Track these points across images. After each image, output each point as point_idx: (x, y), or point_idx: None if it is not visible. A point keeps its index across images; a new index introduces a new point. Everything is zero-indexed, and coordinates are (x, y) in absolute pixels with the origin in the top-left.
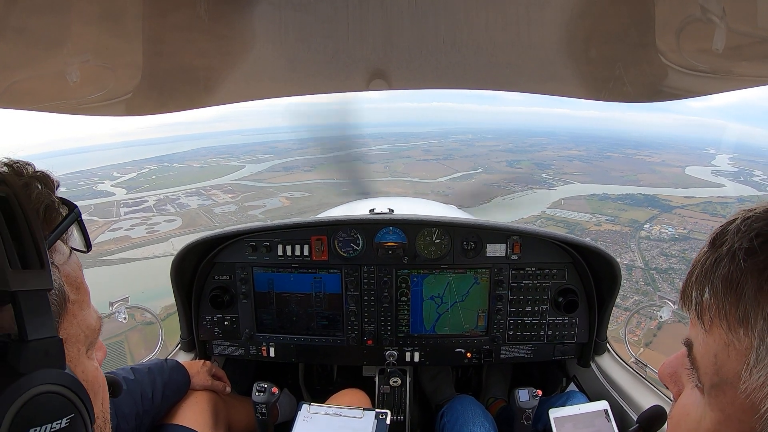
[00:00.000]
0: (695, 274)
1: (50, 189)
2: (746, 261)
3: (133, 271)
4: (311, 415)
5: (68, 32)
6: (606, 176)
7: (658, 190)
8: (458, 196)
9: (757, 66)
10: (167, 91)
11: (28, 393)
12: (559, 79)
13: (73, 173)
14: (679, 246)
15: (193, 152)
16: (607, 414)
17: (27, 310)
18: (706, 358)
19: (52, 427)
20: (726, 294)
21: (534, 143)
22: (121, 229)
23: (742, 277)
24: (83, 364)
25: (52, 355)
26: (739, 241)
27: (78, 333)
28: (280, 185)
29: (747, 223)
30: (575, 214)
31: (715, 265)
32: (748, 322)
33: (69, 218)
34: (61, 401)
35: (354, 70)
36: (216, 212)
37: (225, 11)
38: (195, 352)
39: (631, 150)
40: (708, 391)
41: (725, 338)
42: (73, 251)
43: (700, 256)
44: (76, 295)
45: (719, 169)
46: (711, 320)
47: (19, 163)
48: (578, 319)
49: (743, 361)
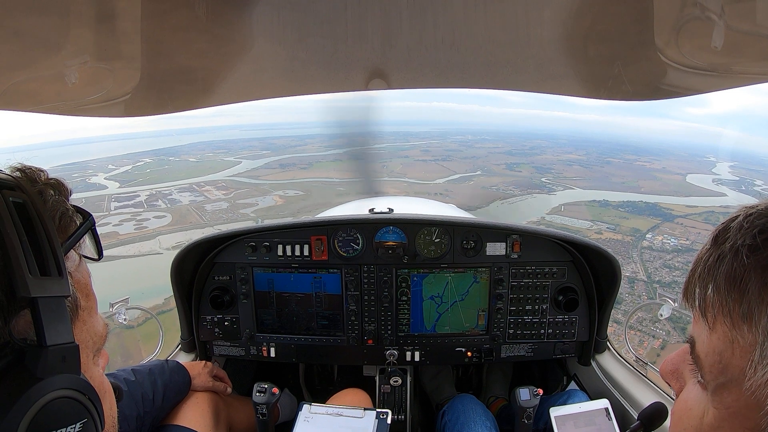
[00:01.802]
0: (698, 271)
1: (64, 196)
2: (749, 257)
3: (117, 270)
4: (312, 415)
5: (67, 33)
6: (606, 182)
7: (659, 198)
8: (456, 199)
9: (756, 64)
10: (166, 91)
11: (45, 398)
12: (558, 77)
13: (70, 164)
14: (682, 258)
15: (191, 146)
16: (608, 412)
17: (45, 316)
18: (711, 356)
19: (67, 430)
20: (729, 290)
21: (534, 146)
22: (109, 225)
23: (745, 274)
24: (91, 370)
25: (68, 360)
26: (742, 238)
27: (87, 339)
28: (274, 183)
29: (749, 220)
30: (575, 221)
31: (718, 262)
32: (752, 319)
33: (84, 226)
34: (76, 406)
35: (353, 69)
36: (207, 209)
37: (224, 12)
38: (195, 352)
39: (631, 155)
40: (713, 390)
41: (729, 335)
42: (82, 258)
43: (702, 253)
44: (86, 302)
45: (720, 178)
46: (714, 317)
47: (32, 169)
48: (578, 318)
49: (748, 358)
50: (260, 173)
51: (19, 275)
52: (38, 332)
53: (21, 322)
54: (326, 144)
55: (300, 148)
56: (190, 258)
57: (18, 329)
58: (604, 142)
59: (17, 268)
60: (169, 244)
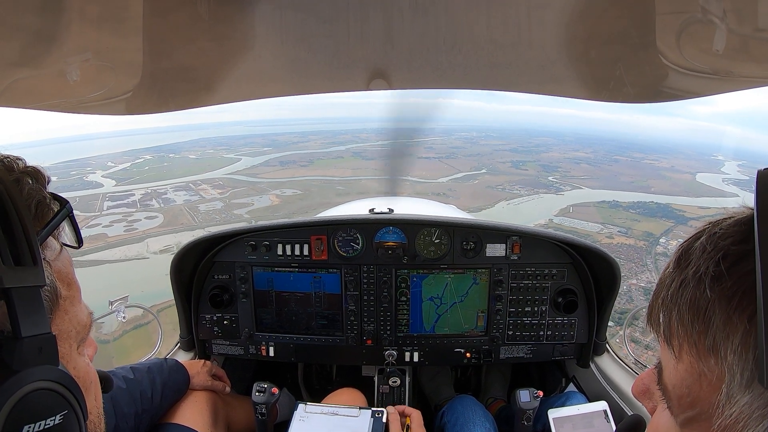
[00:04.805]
0: (661, 295)
1: (42, 184)
2: (713, 288)
3: (103, 275)
4: (307, 415)
5: (68, 31)
6: (615, 181)
7: (670, 198)
8: (459, 199)
9: (758, 67)
10: (167, 90)
11: (21, 390)
12: (559, 79)
13: (68, 162)
14: None
15: (192, 143)
16: (607, 414)
17: (20, 306)
18: (679, 389)
19: (46, 423)
20: (693, 321)
21: (540, 143)
22: (99, 226)
23: (709, 306)
24: (74, 360)
25: (45, 351)
26: (705, 264)
27: (69, 329)
28: (272, 181)
29: (713, 241)
30: (585, 224)
31: (681, 289)
32: (718, 353)
33: (61, 214)
34: (55, 398)
35: (354, 69)
36: (201, 209)
37: (225, 11)
38: (194, 351)
39: (639, 154)
40: (682, 422)
41: (696, 367)
42: (64, 247)
43: (665, 276)
44: (68, 291)
45: (730, 177)
46: (680, 346)
47: (9, 158)
48: (578, 320)
49: (716, 394)
50: (259, 171)
51: None
52: (13, 323)
53: None
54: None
55: (302, 144)
56: (190, 256)
57: None
58: (610, 140)
59: None
60: (156, 247)
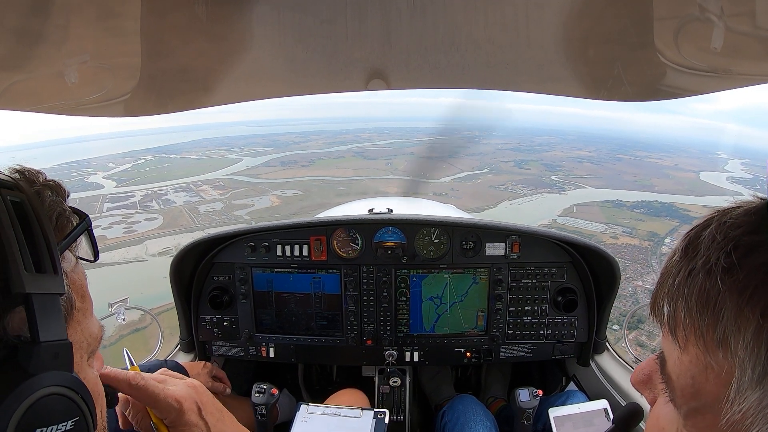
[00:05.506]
0: (667, 285)
1: (62, 198)
2: (724, 280)
3: (100, 278)
4: (309, 416)
5: (66, 32)
6: (619, 180)
7: (674, 197)
8: (461, 200)
9: (756, 64)
10: (166, 91)
11: (36, 393)
12: (558, 78)
13: (71, 163)
14: None
15: (194, 143)
16: (607, 413)
17: (39, 312)
18: (683, 379)
19: (58, 428)
20: (702, 313)
21: (542, 142)
22: (99, 227)
23: (720, 297)
24: (85, 371)
25: (61, 357)
26: (716, 254)
27: (81, 340)
28: (273, 182)
29: (723, 230)
30: (589, 224)
31: (690, 279)
32: (728, 346)
33: (80, 227)
34: (68, 404)
35: (352, 70)
36: (201, 211)
37: (224, 12)
38: (194, 352)
39: (642, 152)
40: (685, 413)
41: (703, 359)
42: (79, 260)
43: (671, 264)
44: (81, 303)
45: (734, 176)
46: (686, 337)
47: (30, 170)
48: (577, 319)
49: (723, 388)
50: (260, 171)
51: (14, 271)
52: (31, 328)
53: (16, 319)
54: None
55: (303, 144)
56: (190, 258)
57: (12, 326)
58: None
59: (12, 264)
60: (155, 249)
